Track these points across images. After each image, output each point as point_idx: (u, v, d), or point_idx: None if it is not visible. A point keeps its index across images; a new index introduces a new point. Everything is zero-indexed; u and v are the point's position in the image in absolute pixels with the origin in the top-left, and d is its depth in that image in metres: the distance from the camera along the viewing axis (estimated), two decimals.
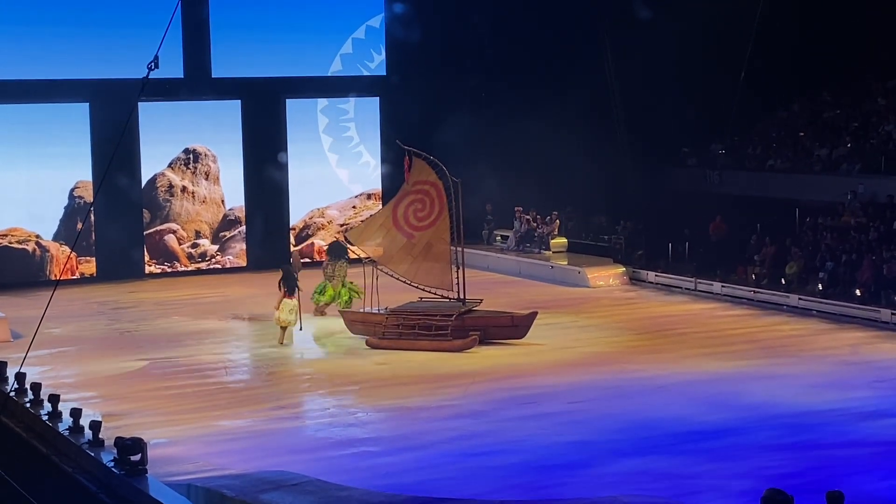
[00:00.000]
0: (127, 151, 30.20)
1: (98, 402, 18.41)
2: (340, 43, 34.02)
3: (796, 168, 30.61)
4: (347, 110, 34.40)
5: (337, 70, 33.97)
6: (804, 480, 13.59)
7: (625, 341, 22.87)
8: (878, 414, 17.20)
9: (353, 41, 34.09)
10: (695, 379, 19.53)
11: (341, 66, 33.99)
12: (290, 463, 14.80)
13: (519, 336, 22.56)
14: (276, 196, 33.21)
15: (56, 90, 30.24)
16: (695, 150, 33.50)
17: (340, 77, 33.85)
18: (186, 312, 26.79)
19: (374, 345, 22.50)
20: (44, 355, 21.26)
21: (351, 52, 34.04)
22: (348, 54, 34.02)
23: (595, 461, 15.13)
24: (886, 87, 31.71)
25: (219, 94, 32.54)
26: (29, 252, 30.85)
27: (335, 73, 33.95)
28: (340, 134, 34.35)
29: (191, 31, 31.54)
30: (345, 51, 34.00)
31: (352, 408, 18.61)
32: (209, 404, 18.50)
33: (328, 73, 33.94)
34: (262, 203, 33.07)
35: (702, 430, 16.40)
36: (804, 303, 25.21)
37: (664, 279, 28.75)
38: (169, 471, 14.41)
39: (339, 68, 33.97)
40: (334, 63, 33.97)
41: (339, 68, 33.97)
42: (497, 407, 17.98)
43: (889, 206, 26.91)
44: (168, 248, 32.48)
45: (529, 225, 32.76)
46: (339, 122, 34.33)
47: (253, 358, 22.90)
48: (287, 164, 33.15)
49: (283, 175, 33.25)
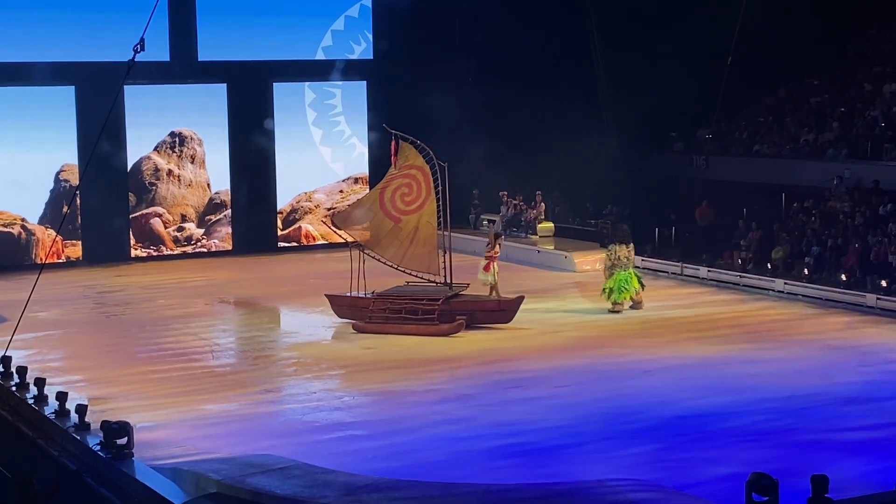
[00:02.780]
0: (113, 135, 30.12)
1: (84, 386, 18.39)
2: (327, 26, 33.96)
3: (782, 153, 30.64)
4: (334, 94, 34.35)
5: (323, 54, 33.89)
6: (789, 464, 13.63)
7: (611, 326, 22.91)
8: (863, 398, 17.25)
9: (340, 24, 34.01)
10: (681, 363, 19.57)
11: (328, 49, 33.91)
12: (276, 447, 14.79)
13: (506, 320, 22.58)
14: (262, 180, 33.18)
15: (42, 73, 30.10)
16: (681, 136, 33.49)
17: (327, 61, 33.78)
18: (172, 296, 26.76)
19: (360, 329, 22.49)
20: (29, 339, 21.22)
21: (338, 35, 33.96)
22: (335, 37, 33.94)
23: (581, 445, 15.17)
24: (872, 72, 31.74)
25: (205, 77, 32.47)
26: (14, 235, 30.78)
27: (322, 56, 33.87)
28: (328, 118, 34.31)
29: (177, 13, 31.44)
30: (332, 34, 33.92)
31: (338, 392, 18.62)
32: (195, 388, 18.49)
33: (315, 56, 33.86)
34: (248, 187, 33.02)
35: (687, 415, 16.44)
36: (790, 287, 25.28)
37: (651, 264, 28.77)
38: (155, 454, 14.40)
39: (325, 51, 33.88)
40: (321, 47, 33.90)
41: (325, 51, 33.88)
42: (484, 391, 18.01)
43: (875, 191, 26.97)
44: (154, 232, 32.43)
45: (516, 209, 32.76)
46: (326, 106, 34.27)
47: (239, 342, 22.89)
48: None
49: (269, 159, 33.20)
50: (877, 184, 27.11)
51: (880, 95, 30.23)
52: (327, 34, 33.92)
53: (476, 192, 34.22)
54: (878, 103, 29.91)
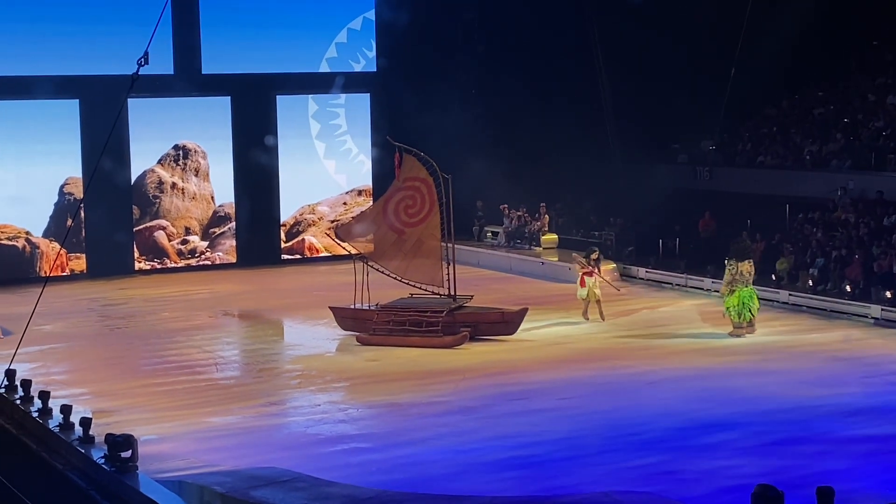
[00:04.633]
0: (117, 148, 30.19)
1: (88, 399, 18.37)
2: (331, 39, 34.01)
3: (786, 164, 30.65)
4: (338, 106, 34.38)
5: (327, 66, 33.94)
6: (795, 476, 13.59)
7: (615, 337, 22.88)
8: (868, 410, 17.20)
9: (343, 37, 34.07)
10: (685, 375, 19.54)
11: (332, 62, 33.96)
12: (280, 459, 14.78)
13: (509, 332, 22.56)
14: (266, 192, 33.21)
15: (45, 87, 30.14)
16: (685, 147, 33.52)
17: (331, 74, 33.82)
18: (176, 309, 26.76)
19: (364, 341, 22.48)
20: (34, 352, 21.21)
21: (342, 48, 34.01)
22: (339, 50, 33.99)
23: (586, 457, 15.12)
24: (876, 83, 31.76)
25: (209, 90, 32.51)
26: (19, 248, 30.81)
27: (325, 69, 33.91)
28: (331, 130, 34.34)
29: (181, 27, 31.51)
30: (335, 47, 33.97)
31: (342, 404, 18.59)
32: (199, 401, 18.48)
33: (318, 69, 33.91)
34: (252, 199, 33.05)
35: (693, 426, 16.40)
36: (794, 299, 25.24)
37: (655, 275, 28.77)
38: (159, 467, 14.38)
39: (329, 63, 33.93)
40: (324, 59, 33.95)
41: (329, 63, 33.93)
42: (488, 403, 17.98)
43: (879, 202, 26.96)
44: (158, 245, 32.45)
45: (519, 221, 32.76)
46: (330, 119, 34.31)
47: (243, 354, 22.89)
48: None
49: (273, 171, 33.24)
50: (881, 194, 27.11)
51: (884, 106, 30.24)
52: (331, 47, 33.96)
53: (480, 203, 34.23)
54: (881, 114, 29.92)
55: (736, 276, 22.62)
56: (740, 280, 22.60)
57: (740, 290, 22.54)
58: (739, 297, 22.50)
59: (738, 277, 22.60)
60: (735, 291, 22.56)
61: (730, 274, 22.74)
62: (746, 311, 22.50)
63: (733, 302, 22.56)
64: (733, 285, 22.61)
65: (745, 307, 22.49)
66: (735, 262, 22.76)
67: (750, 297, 22.57)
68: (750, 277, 22.74)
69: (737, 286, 22.57)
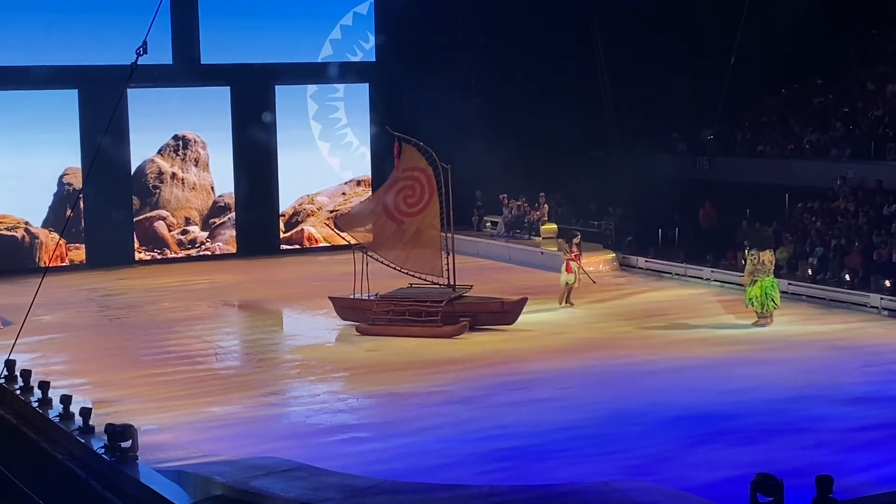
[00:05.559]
0: (116, 138, 30.15)
1: (88, 389, 18.36)
2: (330, 29, 33.96)
3: (786, 154, 30.63)
4: (337, 97, 34.35)
5: (326, 56, 33.90)
6: (794, 465, 13.59)
7: (615, 327, 22.89)
8: (867, 399, 17.23)
9: (342, 27, 34.03)
10: (685, 364, 19.55)
11: (331, 52, 33.93)
12: (280, 449, 14.78)
13: (509, 322, 22.57)
14: (265, 183, 33.18)
15: (45, 76, 30.11)
16: (684, 136, 33.50)
17: (330, 63, 33.78)
18: (176, 299, 26.76)
19: (364, 331, 22.48)
20: (33, 342, 21.22)
21: (340, 38, 33.97)
22: (338, 40, 33.95)
23: (586, 446, 15.14)
24: (875, 72, 31.72)
25: (208, 80, 32.44)
26: (18, 239, 30.79)
27: (325, 59, 33.88)
28: (330, 120, 34.31)
29: (179, 16, 31.45)
30: (334, 37, 33.93)
31: (342, 394, 18.61)
32: (199, 391, 18.49)
33: (318, 59, 33.87)
34: (252, 190, 33.02)
35: (692, 415, 16.42)
36: (794, 288, 25.24)
37: (654, 265, 28.78)
38: (159, 457, 14.39)
39: (328, 54, 33.90)
40: (324, 49, 33.91)
41: (328, 54, 33.90)
42: (487, 393, 18.00)
43: (878, 191, 26.96)
44: (158, 235, 32.44)
45: (518, 211, 32.74)
46: (329, 109, 34.28)
47: (243, 344, 22.91)
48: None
49: (272, 161, 33.22)
50: (880, 183, 27.10)
51: (883, 95, 30.21)
52: (329, 37, 33.91)
53: (479, 193, 34.20)
54: (881, 103, 29.89)
55: (757, 266, 22.30)
56: (762, 270, 22.29)
57: (762, 279, 22.27)
58: (762, 288, 22.24)
59: (760, 267, 22.29)
60: (757, 282, 22.29)
61: (751, 264, 22.42)
62: (770, 302, 22.28)
63: (756, 293, 22.31)
64: (755, 275, 22.31)
65: (768, 297, 22.27)
66: (756, 252, 22.43)
67: (772, 287, 22.34)
68: (771, 266, 22.49)
69: (759, 276, 22.27)
